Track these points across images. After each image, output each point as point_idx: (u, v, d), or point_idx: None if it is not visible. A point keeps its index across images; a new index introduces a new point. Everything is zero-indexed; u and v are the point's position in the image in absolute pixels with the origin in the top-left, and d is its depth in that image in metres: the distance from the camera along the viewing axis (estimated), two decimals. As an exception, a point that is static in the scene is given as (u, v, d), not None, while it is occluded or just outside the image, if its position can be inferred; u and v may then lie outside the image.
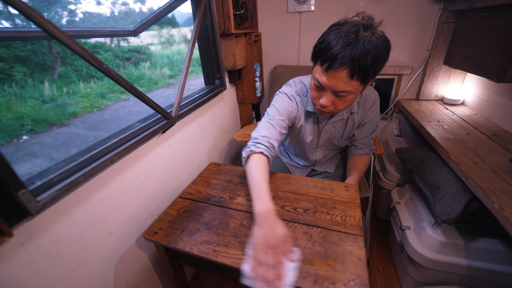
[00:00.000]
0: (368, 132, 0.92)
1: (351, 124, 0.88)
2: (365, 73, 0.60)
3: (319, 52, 0.63)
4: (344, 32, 0.58)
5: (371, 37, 0.57)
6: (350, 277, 0.54)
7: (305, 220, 0.70)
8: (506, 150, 0.88)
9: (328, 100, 0.67)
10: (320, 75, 0.64)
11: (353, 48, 0.57)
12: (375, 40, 0.57)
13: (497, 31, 0.91)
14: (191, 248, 0.63)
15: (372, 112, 0.87)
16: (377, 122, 0.92)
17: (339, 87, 0.63)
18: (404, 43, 1.36)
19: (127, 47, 5.91)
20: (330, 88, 0.65)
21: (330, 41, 0.60)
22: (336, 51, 0.58)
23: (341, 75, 0.60)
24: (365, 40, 0.57)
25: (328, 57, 0.60)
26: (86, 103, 4.45)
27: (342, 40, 0.58)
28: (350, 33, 0.58)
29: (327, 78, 0.63)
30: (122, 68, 5.55)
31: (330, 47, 0.59)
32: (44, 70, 4.27)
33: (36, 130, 3.67)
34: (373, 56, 0.57)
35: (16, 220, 0.45)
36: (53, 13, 3.95)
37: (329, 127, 0.88)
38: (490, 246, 0.84)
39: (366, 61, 0.57)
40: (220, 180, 0.91)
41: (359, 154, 0.95)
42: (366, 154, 0.96)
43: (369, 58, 0.57)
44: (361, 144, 0.95)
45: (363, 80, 0.62)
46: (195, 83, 4.74)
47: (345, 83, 0.61)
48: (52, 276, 0.54)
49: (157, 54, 6.84)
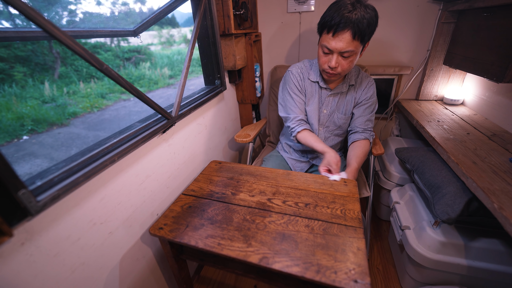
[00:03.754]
0: (367, 112, 0.98)
1: (350, 100, 0.99)
2: (363, 34, 0.77)
3: (325, 23, 0.80)
4: (343, 5, 0.76)
5: (364, 8, 0.76)
6: (351, 266, 0.56)
7: (306, 214, 0.72)
8: (506, 150, 0.88)
9: (336, 61, 0.82)
10: (328, 41, 0.80)
11: (352, 14, 0.74)
12: (367, 9, 0.76)
13: (497, 31, 0.91)
14: (196, 242, 0.64)
15: (368, 91, 0.98)
16: (375, 105, 1.00)
17: (345, 47, 0.78)
18: (404, 43, 1.36)
19: (127, 47, 5.91)
20: (337, 50, 0.80)
21: (332, 13, 0.77)
22: (339, 19, 0.75)
23: (345, 36, 0.77)
24: (360, 9, 0.75)
25: (334, 23, 0.76)
26: (86, 103, 4.45)
27: (342, 10, 0.75)
28: (348, 5, 0.76)
29: (335, 41, 0.79)
30: (122, 68, 5.56)
31: (333, 17, 0.76)
32: (44, 70, 4.28)
33: (36, 130, 3.67)
34: (368, 21, 0.75)
35: (16, 220, 0.45)
36: (53, 13, 3.95)
37: (329, 100, 0.99)
38: (490, 246, 0.84)
39: (363, 24, 0.75)
40: (222, 177, 0.92)
41: (358, 139, 0.97)
42: (366, 139, 0.97)
43: (365, 22, 0.75)
44: (360, 127, 0.98)
45: (362, 40, 0.79)
46: (195, 83, 4.74)
47: (349, 43, 0.78)
48: (52, 276, 0.54)
49: (157, 54, 6.84)
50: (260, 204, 0.77)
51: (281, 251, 0.61)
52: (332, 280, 0.53)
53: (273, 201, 0.78)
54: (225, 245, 0.63)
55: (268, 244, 0.63)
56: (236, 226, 0.69)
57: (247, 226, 0.69)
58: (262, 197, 0.80)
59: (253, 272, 0.72)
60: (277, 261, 0.58)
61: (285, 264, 0.57)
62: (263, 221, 0.70)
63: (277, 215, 0.73)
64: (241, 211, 0.75)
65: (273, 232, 0.66)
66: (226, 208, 0.76)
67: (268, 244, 0.63)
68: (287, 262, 0.58)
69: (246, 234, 0.66)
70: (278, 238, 0.64)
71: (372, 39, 1.40)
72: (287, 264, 0.57)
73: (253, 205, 0.77)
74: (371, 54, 1.44)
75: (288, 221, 0.70)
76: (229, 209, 0.76)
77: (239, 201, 0.79)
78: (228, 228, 0.69)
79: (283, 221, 0.70)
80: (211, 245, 0.64)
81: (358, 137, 0.97)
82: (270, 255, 0.60)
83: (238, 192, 0.84)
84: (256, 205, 0.77)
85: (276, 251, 0.61)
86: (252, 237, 0.65)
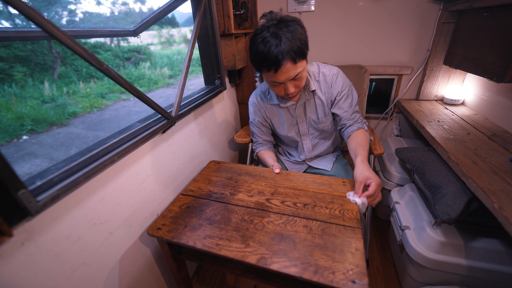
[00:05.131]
0: (346, 105, 0.92)
1: (319, 103, 0.94)
2: (301, 52, 0.72)
3: (260, 64, 0.74)
4: (266, 41, 0.70)
5: (286, 28, 0.70)
6: (349, 267, 0.56)
7: (304, 214, 0.72)
8: (506, 150, 0.88)
9: (291, 86, 0.79)
10: (273, 77, 0.76)
11: (281, 45, 0.69)
12: (289, 28, 0.70)
13: (497, 31, 0.91)
14: (194, 243, 0.64)
15: (335, 86, 0.91)
16: (351, 94, 0.93)
17: (293, 74, 0.75)
18: (404, 43, 1.36)
19: (127, 47, 5.91)
20: (287, 80, 0.76)
21: (262, 51, 0.71)
22: (273, 57, 0.69)
23: (287, 67, 0.72)
24: (284, 34, 0.69)
25: (270, 63, 0.71)
26: (86, 103, 4.45)
27: (269, 47, 0.69)
28: (270, 38, 0.69)
29: (281, 76, 0.74)
30: (122, 68, 5.56)
31: (265, 55, 0.70)
32: (44, 70, 4.28)
33: (36, 130, 3.67)
34: (298, 39, 0.70)
35: (16, 220, 0.45)
36: (53, 13, 3.95)
37: (300, 111, 0.96)
38: (490, 246, 0.84)
39: (296, 45, 0.70)
40: (221, 177, 0.92)
41: (352, 131, 0.91)
42: (359, 129, 0.91)
43: (296, 43, 0.70)
44: (348, 120, 0.93)
45: (304, 57, 0.75)
46: (195, 83, 4.74)
47: (294, 69, 0.74)
48: (52, 276, 0.54)
49: (157, 54, 6.84)
50: (258, 204, 0.77)
51: (279, 252, 0.60)
52: (330, 280, 0.53)
53: (272, 201, 0.78)
54: (223, 245, 0.63)
55: (266, 244, 0.63)
56: (235, 227, 0.69)
57: (246, 226, 0.69)
58: (260, 197, 0.80)
59: (252, 272, 0.72)
60: (275, 262, 0.58)
61: (283, 265, 0.57)
62: (261, 221, 0.70)
63: (276, 215, 0.72)
64: (240, 211, 0.75)
65: (272, 233, 0.66)
66: (225, 208, 0.76)
67: (266, 245, 0.63)
68: (285, 263, 0.58)
69: (245, 234, 0.66)
70: (276, 239, 0.64)
71: (373, 39, 1.42)
72: (285, 265, 0.57)
73: (252, 205, 0.77)
74: (371, 54, 1.44)
75: (287, 221, 0.70)
76: (228, 209, 0.76)
77: (237, 201, 0.79)
78: (226, 229, 0.68)
79: (282, 221, 0.70)
80: (209, 245, 0.63)
81: (352, 130, 0.92)
82: (268, 256, 0.60)
83: (237, 192, 0.83)
84: (254, 205, 0.77)
85: (274, 251, 0.61)
86: (250, 237, 0.65)
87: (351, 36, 1.43)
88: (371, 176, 0.73)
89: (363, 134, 0.90)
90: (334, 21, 1.42)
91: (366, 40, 1.41)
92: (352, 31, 1.41)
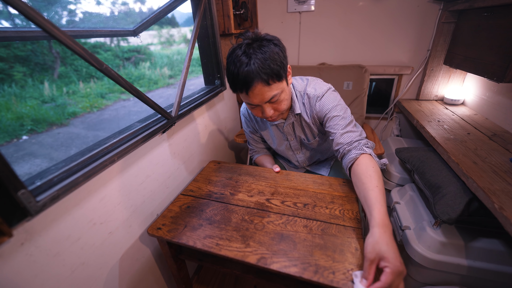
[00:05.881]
0: (339, 126, 0.75)
1: (305, 124, 0.86)
2: (275, 74, 0.66)
3: (232, 84, 0.70)
4: (238, 60, 0.65)
5: (259, 48, 0.65)
6: (349, 267, 0.56)
7: (304, 214, 0.72)
8: (506, 150, 0.88)
9: (269, 109, 0.73)
10: (247, 99, 0.71)
11: (250, 65, 0.63)
12: (263, 48, 0.65)
13: (498, 31, 0.91)
14: (194, 243, 0.64)
15: (322, 106, 0.79)
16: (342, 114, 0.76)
17: (267, 97, 0.68)
18: (404, 43, 1.36)
19: (127, 47, 5.91)
20: (262, 102, 0.70)
21: (232, 71, 0.66)
22: (242, 77, 0.65)
23: (258, 89, 0.66)
24: (256, 54, 0.64)
25: (240, 84, 0.66)
26: (86, 103, 4.45)
27: (239, 66, 0.65)
28: (241, 56, 0.65)
29: (253, 98, 0.69)
30: (122, 68, 5.55)
31: (236, 76, 0.66)
32: (44, 70, 4.27)
33: (36, 130, 3.67)
34: (271, 60, 0.64)
35: (16, 220, 0.45)
36: (53, 13, 3.94)
37: (288, 130, 0.91)
38: (490, 246, 0.84)
39: (268, 67, 0.64)
40: (221, 177, 0.92)
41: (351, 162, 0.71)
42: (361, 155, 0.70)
43: (268, 64, 0.64)
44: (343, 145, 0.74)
45: (279, 78, 0.68)
46: (195, 83, 4.74)
47: (268, 91, 0.68)
48: (52, 276, 0.54)
49: (157, 54, 6.84)
50: (258, 204, 0.77)
51: (279, 252, 0.60)
52: (330, 280, 0.53)
53: (272, 201, 0.78)
54: (223, 245, 0.63)
55: (266, 244, 0.63)
56: (235, 226, 0.69)
57: (246, 226, 0.69)
58: (260, 197, 0.80)
59: (252, 272, 0.72)
60: (275, 262, 0.58)
61: (283, 265, 0.57)
62: (261, 221, 0.70)
63: (276, 215, 0.72)
64: (240, 211, 0.75)
65: (272, 233, 0.66)
66: (225, 208, 0.76)
67: (266, 245, 0.63)
68: (285, 263, 0.58)
69: (245, 234, 0.66)
70: (277, 239, 0.64)
71: (373, 39, 1.42)
72: (285, 265, 0.57)
73: (252, 205, 0.77)
74: (371, 54, 1.44)
75: (287, 221, 0.70)
76: (228, 209, 0.76)
77: (237, 201, 0.79)
78: (226, 228, 0.68)
79: (282, 221, 0.70)
80: (209, 245, 0.63)
81: (350, 159, 0.71)
82: (268, 256, 0.59)
83: (237, 192, 0.83)
84: (254, 205, 0.77)
85: (274, 251, 0.61)
86: (251, 237, 0.65)
87: (351, 36, 1.43)
88: (388, 255, 0.49)
89: (368, 164, 0.67)
90: (334, 21, 1.42)
91: (366, 40, 1.41)
92: (352, 31, 1.41)
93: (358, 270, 0.54)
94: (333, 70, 1.38)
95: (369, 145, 0.72)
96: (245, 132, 1.07)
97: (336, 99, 0.79)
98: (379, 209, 0.56)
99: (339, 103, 0.78)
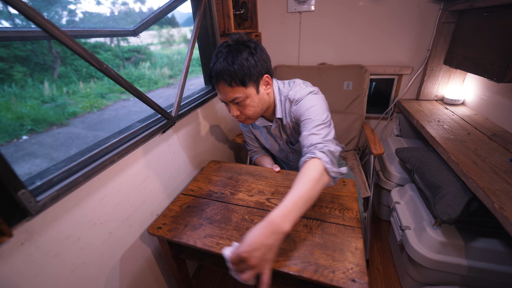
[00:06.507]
0: (306, 129, 0.71)
1: (288, 128, 0.87)
2: (238, 78, 0.69)
3: (208, 76, 0.74)
4: (215, 54, 0.71)
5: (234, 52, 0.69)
6: (349, 266, 0.56)
7: (304, 214, 0.72)
8: (506, 150, 0.88)
9: (234, 110, 0.77)
10: (218, 93, 0.76)
11: (218, 64, 0.69)
12: (235, 52, 0.69)
13: (498, 31, 0.91)
14: (195, 242, 0.65)
15: (298, 109, 0.77)
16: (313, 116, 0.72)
17: (230, 97, 0.72)
18: (404, 43, 1.36)
19: (127, 47, 5.90)
20: (226, 100, 0.75)
21: (210, 64, 0.72)
22: (212, 71, 0.71)
23: (223, 87, 0.71)
24: (228, 55, 0.69)
25: (211, 77, 0.73)
26: (86, 103, 4.44)
27: (214, 61, 0.71)
28: (218, 53, 0.71)
29: (220, 94, 0.75)
30: (122, 68, 5.54)
31: (210, 69, 0.73)
32: (44, 70, 4.27)
33: (36, 130, 3.66)
34: (238, 63, 0.68)
35: (16, 220, 0.45)
36: (53, 13, 3.93)
37: (276, 133, 0.92)
38: (490, 246, 0.84)
39: (233, 70, 0.68)
40: (221, 177, 0.93)
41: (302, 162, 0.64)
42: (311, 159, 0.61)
43: (234, 68, 0.68)
44: (305, 147, 0.68)
45: (243, 83, 0.70)
46: (195, 83, 4.73)
47: (230, 92, 0.72)
48: (52, 276, 0.54)
49: (157, 54, 6.83)
50: (259, 204, 0.77)
51: (279, 251, 0.61)
52: (330, 279, 0.53)
53: (272, 201, 0.78)
54: (224, 244, 0.63)
55: (267, 244, 0.63)
56: (235, 226, 0.69)
57: (246, 225, 0.69)
58: (261, 197, 0.80)
59: (253, 272, 0.72)
60: (275, 261, 0.58)
61: (283, 264, 0.57)
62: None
63: (277, 215, 0.72)
64: (240, 211, 0.75)
65: (273, 232, 0.66)
66: (225, 208, 0.76)
67: (267, 244, 0.63)
68: (285, 262, 0.58)
69: (245, 233, 0.66)
70: (278, 238, 0.64)
71: (373, 39, 1.42)
72: (285, 264, 0.57)
73: (252, 204, 0.77)
74: (371, 54, 1.44)
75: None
76: (228, 208, 0.76)
77: (237, 200, 0.79)
78: (226, 228, 0.69)
79: (283, 221, 0.70)
80: (210, 244, 0.64)
81: (302, 161, 0.64)
82: (269, 255, 0.59)
83: (237, 191, 0.84)
84: (255, 204, 0.77)
85: (275, 251, 0.61)
86: (251, 237, 0.65)
87: (351, 36, 1.43)
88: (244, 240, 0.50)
89: (308, 168, 0.60)
90: (334, 21, 1.42)
91: (366, 40, 1.41)
92: (352, 31, 1.41)
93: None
94: (333, 70, 1.38)
95: (324, 149, 0.63)
96: (242, 132, 1.08)
97: (312, 102, 0.75)
98: (280, 208, 0.53)
99: (314, 106, 0.74)
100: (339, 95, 1.39)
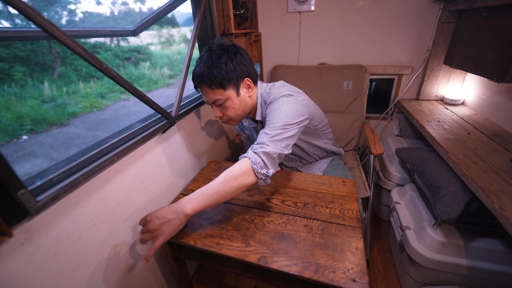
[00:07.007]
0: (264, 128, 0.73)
1: None
2: (217, 81, 0.72)
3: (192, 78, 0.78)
4: (199, 58, 0.75)
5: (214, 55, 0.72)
6: (349, 266, 0.56)
7: (305, 214, 0.73)
8: (506, 150, 0.88)
9: (217, 111, 0.80)
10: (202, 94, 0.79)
11: (198, 67, 0.73)
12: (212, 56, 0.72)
13: (498, 31, 0.91)
14: (195, 242, 0.65)
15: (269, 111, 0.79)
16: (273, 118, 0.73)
17: (211, 98, 0.76)
18: (404, 43, 1.36)
19: (127, 47, 5.89)
20: (208, 102, 0.78)
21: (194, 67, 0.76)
22: (194, 74, 0.75)
23: (205, 89, 0.75)
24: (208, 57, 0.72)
25: (193, 80, 0.77)
26: (86, 103, 4.44)
27: (197, 64, 0.75)
28: (201, 57, 0.74)
29: (202, 95, 0.78)
30: (122, 68, 5.54)
31: (193, 72, 0.77)
32: (43, 70, 4.27)
33: (35, 130, 3.66)
34: (217, 67, 0.71)
35: (16, 220, 0.45)
36: (53, 13, 3.93)
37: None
38: (490, 246, 0.84)
39: (212, 73, 0.71)
40: None
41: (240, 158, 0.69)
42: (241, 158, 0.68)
43: (212, 69, 0.71)
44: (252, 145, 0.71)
45: (222, 86, 0.73)
46: (195, 83, 4.71)
47: (211, 94, 0.75)
48: (52, 276, 0.54)
49: (157, 54, 6.83)
50: (259, 204, 0.77)
51: (279, 251, 0.61)
52: (330, 279, 0.53)
53: (272, 201, 0.78)
54: (224, 244, 0.63)
55: (266, 243, 0.63)
56: (235, 226, 0.69)
57: (246, 225, 0.69)
58: (261, 197, 0.80)
59: (252, 272, 0.72)
60: (275, 261, 0.58)
61: (284, 264, 0.57)
62: (262, 220, 0.70)
63: (276, 214, 0.73)
64: (240, 211, 0.75)
65: (272, 232, 0.66)
66: (225, 208, 0.76)
67: (267, 244, 0.63)
68: (286, 262, 0.58)
69: (245, 233, 0.66)
70: (277, 238, 0.64)
71: (373, 38, 1.42)
72: (285, 264, 0.57)
73: (252, 204, 0.77)
74: (371, 54, 1.44)
75: (287, 220, 0.70)
76: (228, 208, 0.76)
77: (238, 200, 0.79)
78: (227, 228, 0.69)
79: (282, 220, 0.70)
80: (210, 244, 0.64)
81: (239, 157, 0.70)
82: (268, 255, 0.60)
83: (238, 192, 0.84)
84: (255, 204, 0.77)
85: (274, 250, 0.61)
86: (251, 236, 0.65)
87: (351, 36, 1.43)
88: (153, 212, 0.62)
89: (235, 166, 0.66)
90: (334, 21, 1.42)
91: (366, 40, 1.41)
92: (352, 31, 1.41)
93: None
94: (333, 70, 1.38)
95: (258, 150, 0.66)
96: (237, 130, 1.13)
97: (279, 105, 0.75)
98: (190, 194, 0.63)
99: (278, 109, 0.74)
100: (339, 95, 1.39)
